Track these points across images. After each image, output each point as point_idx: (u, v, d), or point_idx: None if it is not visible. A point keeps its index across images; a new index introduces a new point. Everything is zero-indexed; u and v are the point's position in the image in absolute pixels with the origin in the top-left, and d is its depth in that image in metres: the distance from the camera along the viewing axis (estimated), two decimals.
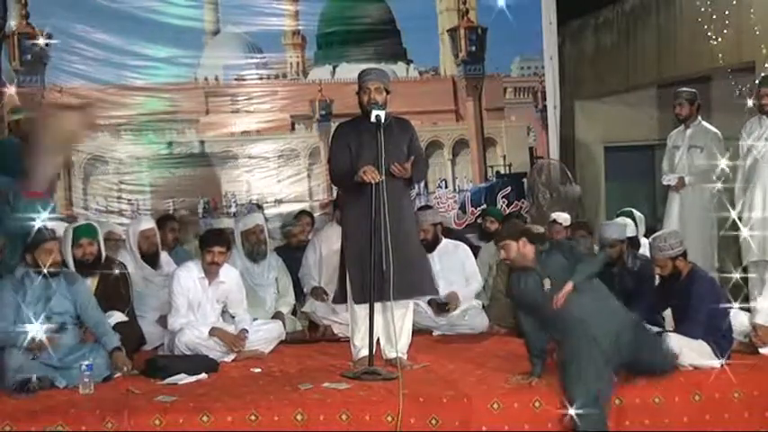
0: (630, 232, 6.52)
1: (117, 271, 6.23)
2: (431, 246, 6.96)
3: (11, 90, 8.25)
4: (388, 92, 5.55)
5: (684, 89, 7.45)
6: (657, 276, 5.68)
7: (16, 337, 5.19)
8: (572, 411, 4.66)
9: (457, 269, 7.04)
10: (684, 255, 5.53)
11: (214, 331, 5.98)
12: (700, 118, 7.39)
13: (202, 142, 9.37)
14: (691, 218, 7.21)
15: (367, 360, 5.39)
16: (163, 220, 7.52)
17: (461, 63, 9.90)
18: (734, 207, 6.79)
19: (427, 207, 8.05)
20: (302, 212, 8.35)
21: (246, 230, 6.99)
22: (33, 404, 4.88)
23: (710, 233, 7.25)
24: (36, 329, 5.19)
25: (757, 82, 6.91)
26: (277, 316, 6.84)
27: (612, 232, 6.04)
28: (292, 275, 7.19)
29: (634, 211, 7.07)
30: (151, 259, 6.85)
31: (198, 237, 6.79)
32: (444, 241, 7.16)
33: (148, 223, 7.03)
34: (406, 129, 5.70)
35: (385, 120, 5.39)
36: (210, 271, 6.11)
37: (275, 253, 7.29)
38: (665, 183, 7.47)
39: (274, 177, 9.48)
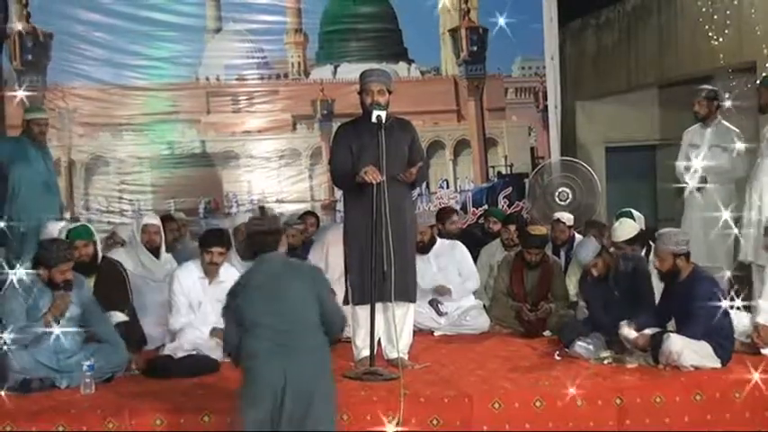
0: (626, 235, 6.44)
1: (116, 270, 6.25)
2: (427, 247, 6.97)
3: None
4: (389, 92, 5.56)
5: (705, 87, 7.34)
6: (658, 277, 5.68)
7: (24, 339, 5.20)
8: None
9: (453, 268, 7.05)
10: (687, 256, 5.53)
11: (215, 332, 5.98)
12: (720, 116, 7.27)
13: (203, 142, 9.38)
14: (710, 217, 7.15)
15: (368, 360, 5.38)
16: (162, 221, 7.50)
17: (463, 63, 9.91)
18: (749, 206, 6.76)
19: (448, 209, 8.39)
20: (307, 213, 8.34)
21: (234, 229, 7.00)
22: (34, 404, 4.88)
23: (729, 234, 7.20)
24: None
25: (758, 82, 6.89)
26: None
27: (585, 255, 5.99)
28: None
29: (633, 211, 7.04)
30: (152, 254, 6.85)
31: (196, 237, 6.79)
32: (439, 242, 7.17)
33: (152, 219, 7.05)
34: (408, 129, 5.70)
35: (386, 120, 5.39)
36: (210, 271, 6.12)
37: None
38: (686, 182, 7.41)
39: (276, 177, 9.49)
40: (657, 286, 5.83)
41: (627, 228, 6.37)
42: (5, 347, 5.13)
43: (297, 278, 4.24)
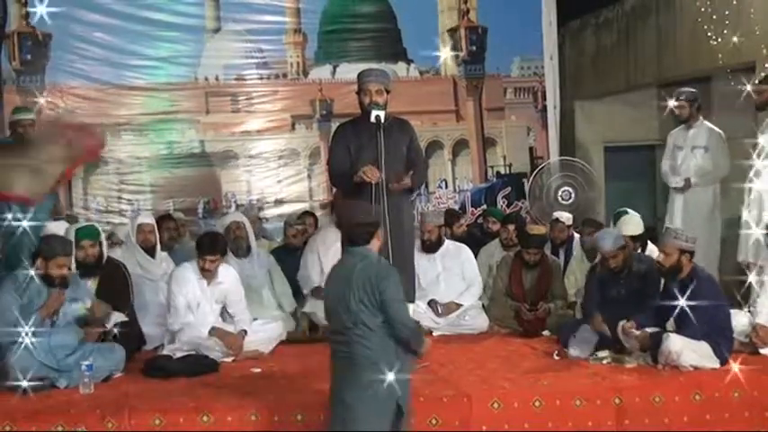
0: (634, 230, 6.44)
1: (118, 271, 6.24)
2: (434, 246, 6.99)
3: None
4: (388, 92, 5.56)
5: (684, 89, 7.41)
6: (659, 275, 5.69)
7: (20, 337, 5.19)
8: None
9: (458, 272, 7.05)
10: (691, 255, 5.55)
11: (214, 331, 5.99)
12: (702, 118, 7.34)
13: (203, 142, 9.37)
14: (695, 219, 7.17)
15: None
16: (160, 220, 7.50)
17: (462, 63, 9.91)
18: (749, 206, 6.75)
19: (455, 212, 8.42)
20: (306, 213, 8.34)
21: (225, 228, 7.00)
22: (33, 404, 4.88)
23: (715, 235, 7.21)
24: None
25: (757, 81, 6.89)
26: (294, 313, 6.86)
27: (609, 244, 5.96)
28: (289, 276, 7.18)
29: (630, 210, 7.01)
30: (147, 253, 6.84)
31: (195, 237, 6.80)
32: (447, 243, 7.17)
33: (146, 218, 7.05)
34: (406, 130, 5.71)
35: (385, 120, 5.39)
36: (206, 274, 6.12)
37: (266, 250, 7.30)
38: (672, 185, 7.42)
39: (275, 177, 9.48)
40: None
41: (636, 223, 6.37)
42: (27, 341, 5.13)
43: (361, 280, 4.07)
